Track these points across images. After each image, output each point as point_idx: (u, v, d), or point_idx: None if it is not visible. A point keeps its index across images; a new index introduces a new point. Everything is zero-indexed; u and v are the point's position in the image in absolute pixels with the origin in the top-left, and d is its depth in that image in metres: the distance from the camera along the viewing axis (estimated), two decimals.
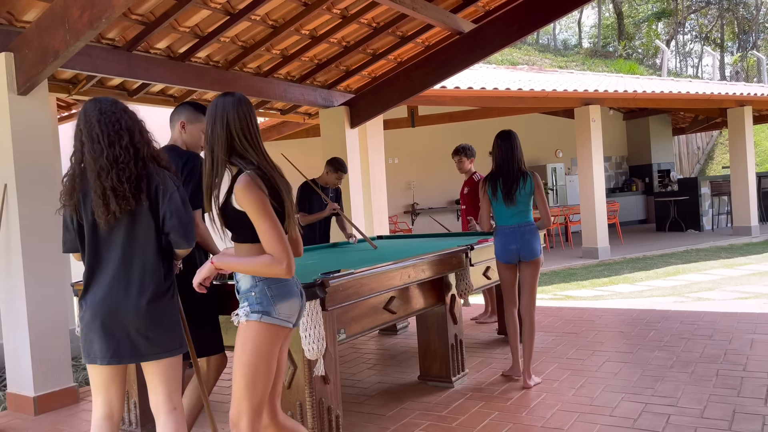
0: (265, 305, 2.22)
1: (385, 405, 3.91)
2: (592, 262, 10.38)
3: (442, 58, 6.59)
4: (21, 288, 4.18)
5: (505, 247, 4.16)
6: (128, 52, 5.05)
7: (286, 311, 2.25)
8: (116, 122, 2.43)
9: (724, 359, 4.36)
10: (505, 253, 4.17)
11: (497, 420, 3.53)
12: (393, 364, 4.88)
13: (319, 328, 2.83)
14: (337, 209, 5.43)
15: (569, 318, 5.99)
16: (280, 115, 7.81)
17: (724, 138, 21.06)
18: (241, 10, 5.10)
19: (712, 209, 14.51)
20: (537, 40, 33.34)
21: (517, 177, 4.12)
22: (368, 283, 3.30)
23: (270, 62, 6.22)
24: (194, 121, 3.19)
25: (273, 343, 2.25)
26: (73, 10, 3.66)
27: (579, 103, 10.63)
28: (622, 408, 3.57)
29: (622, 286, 8.09)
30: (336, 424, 3.09)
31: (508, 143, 4.16)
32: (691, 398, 3.64)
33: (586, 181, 10.76)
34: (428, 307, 4.04)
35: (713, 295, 6.97)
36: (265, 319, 2.22)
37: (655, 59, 32.92)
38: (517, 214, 4.14)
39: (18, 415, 4.18)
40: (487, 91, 9.26)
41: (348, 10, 5.71)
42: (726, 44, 34.82)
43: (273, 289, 2.23)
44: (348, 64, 6.81)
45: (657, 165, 17.30)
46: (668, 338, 5.03)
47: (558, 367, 4.45)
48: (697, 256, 10.38)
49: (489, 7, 6.43)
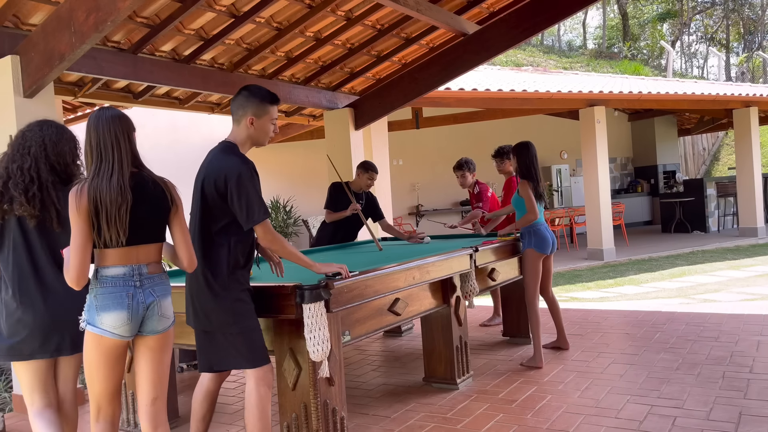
0: (90, 315, 2.38)
1: (390, 407, 3.91)
2: (598, 264, 10.35)
3: (447, 59, 6.59)
4: None
5: (552, 239, 4.73)
6: (133, 54, 5.07)
7: (109, 322, 2.35)
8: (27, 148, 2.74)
9: (731, 361, 4.34)
10: (552, 245, 4.73)
11: (502, 422, 3.52)
12: (398, 366, 4.88)
13: (324, 330, 2.83)
14: (357, 209, 5.37)
15: (574, 320, 5.97)
16: (285, 117, 7.84)
17: (730, 139, 20.98)
18: (245, 13, 5.11)
19: (718, 210, 14.46)
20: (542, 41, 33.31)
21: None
22: (373, 285, 3.30)
23: (275, 64, 6.24)
24: (262, 115, 2.88)
25: (98, 351, 2.39)
26: (79, 13, 3.68)
27: (584, 105, 10.61)
28: (628, 410, 3.55)
29: (628, 287, 8.06)
30: (341, 425, 3.09)
31: (534, 151, 4.73)
32: (697, 400, 3.62)
33: (591, 182, 10.74)
34: (433, 308, 4.04)
35: (719, 297, 6.94)
36: (89, 328, 2.38)
37: (660, 60, 32.84)
38: (543, 212, 4.82)
39: (23, 417, 4.20)
40: (491, 93, 9.25)
41: (352, 12, 5.72)
42: (731, 45, 34.72)
43: (98, 299, 2.37)
44: (352, 65, 6.82)
45: (662, 166, 17.25)
46: (674, 340, 5.01)
47: (563, 369, 4.44)
48: (702, 258, 10.34)
49: (493, 9, 6.43)
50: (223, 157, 2.80)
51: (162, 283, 2.51)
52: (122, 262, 2.39)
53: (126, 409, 3.74)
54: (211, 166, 2.81)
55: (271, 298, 2.93)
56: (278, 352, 3.03)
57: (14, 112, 4.12)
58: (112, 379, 2.46)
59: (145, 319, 2.43)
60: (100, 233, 2.35)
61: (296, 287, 2.84)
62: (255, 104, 2.86)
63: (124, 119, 2.48)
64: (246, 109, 2.86)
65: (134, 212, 2.39)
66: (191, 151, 11.78)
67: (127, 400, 3.73)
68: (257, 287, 3.03)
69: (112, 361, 2.43)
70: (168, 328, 2.52)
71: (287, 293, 2.86)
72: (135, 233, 2.40)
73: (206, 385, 3.07)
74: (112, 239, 2.36)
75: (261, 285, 3.06)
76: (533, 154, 4.69)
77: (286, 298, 2.87)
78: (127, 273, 2.39)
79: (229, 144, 2.89)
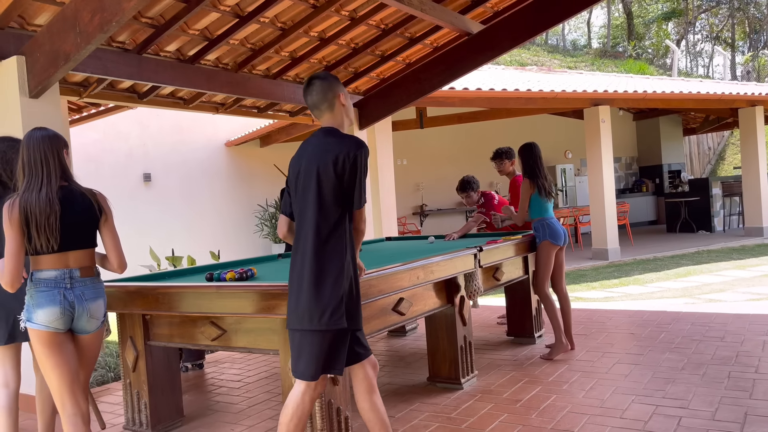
0: (28, 313, 2.67)
1: (395, 406, 3.91)
2: (602, 264, 10.33)
3: (451, 59, 6.59)
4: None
5: (564, 232, 4.90)
6: (138, 54, 5.09)
7: (43, 317, 2.62)
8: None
9: (736, 361, 4.32)
10: (564, 237, 4.88)
11: (507, 422, 3.51)
12: (402, 366, 4.88)
13: None
14: None
15: (579, 319, 5.96)
16: (289, 117, 7.83)
17: (736, 138, 20.92)
18: (250, 13, 5.12)
19: (724, 210, 14.41)
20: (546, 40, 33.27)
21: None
22: (377, 285, 3.30)
23: (279, 64, 6.24)
24: (343, 89, 2.81)
25: (41, 344, 2.65)
26: (84, 13, 3.69)
27: (588, 104, 10.58)
28: (633, 410, 3.55)
29: (633, 287, 8.04)
30: (345, 425, 3.09)
31: (538, 151, 4.91)
32: (703, 400, 3.61)
33: (596, 182, 10.72)
34: (437, 308, 4.04)
35: (725, 297, 6.92)
36: (29, 325, 2.67)
37: (665, 59, 32.74)
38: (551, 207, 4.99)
39: (28, 416, 4.21)
40: (495, 92, 9.24)
41: (356, 11, 5.72)
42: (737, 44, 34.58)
43: (34, 299, 2.65)
44: (357, 65, 6.82)
45: (667, 166, 17.20)
46: (679, 340, 5.00)
47: (568, 369, 4.44)
48: (708, 258, 10.30)
49: (498, 8, 6.42)
50: (337, 139, 2.66)
51: (93, 287, 2.76)
52: (54, 266, 2.67)
53: (131, 408, 3.75)
54: (325, 150, 2.63)
55: (275, 298, 2.93)
56: (283, 352, 3.04)
57: (20, 112, 4.14)
58: (64, 369, 2.68)
59: (76, 319, 2.70)
60: (31, 241, 2.62)
61: None
62: (334, 81, 2.76)
63: (54, 138, 2.75)
64: (333, 89, 2.73)
65: (63, 221, 2.64)
66: (195, 151, 11.83)
67: (132, 400, 3.74)
68: (260, 287, 3.04)
69: (57, 351, 2.67)
70: (98, 328, 2.81)
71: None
72: (66, 240, 2.66)
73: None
74: (43, 246, 2.62)
75: (264, 285, 3.07)
76: (537, 155, 4.88)
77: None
78: (59, 276, 2.67)
79: (332, 128, 2.74)
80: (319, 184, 2.61)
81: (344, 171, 2.59)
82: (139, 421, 3.73)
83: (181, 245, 10.12)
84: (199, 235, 11.37)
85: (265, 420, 3.86)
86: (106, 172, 10.40)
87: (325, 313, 2.54)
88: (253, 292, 3.03)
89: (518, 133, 12.14)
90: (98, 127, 10.25)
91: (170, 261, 6.08)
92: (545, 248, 4.86)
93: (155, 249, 7.03)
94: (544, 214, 4.90)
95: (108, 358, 5.69)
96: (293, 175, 2.75)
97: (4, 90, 4.22)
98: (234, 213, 12.17)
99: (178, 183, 11.52)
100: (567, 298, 5.03)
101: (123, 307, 3.59)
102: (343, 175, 2.59)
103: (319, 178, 2.61)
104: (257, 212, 12.32)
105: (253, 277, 3.61)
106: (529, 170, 4.87)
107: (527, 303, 5.26)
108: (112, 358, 5.67)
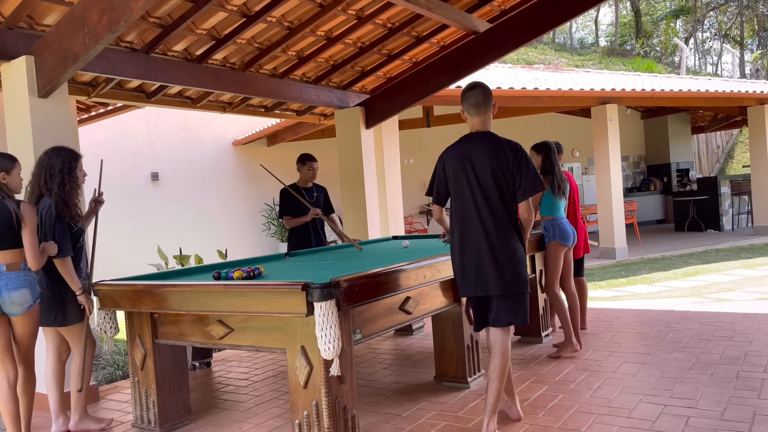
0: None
1: (401, 405, 3.92)
2: (610, 263, 10.29)
3: (458, 58, 6.58)
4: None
5: (573, 233, 4.90)
6: (146, 54, 5.11)
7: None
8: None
9: (745, 361, 4.30)
10: (573, 238, 4.89)
11: (513, 421, 3.51)
12: (409, 365, 4.88)
13: (335, 328, 2.84)
14: (318, 214, 5.50)
15: (586, 319, 5.94)
16: (296, 116, 7.85)
17: (745, 137, 20.76)
18: (257, 12, 5.13)
19: (732, 209, 14.32)
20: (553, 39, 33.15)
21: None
22: (384, 283, 3.30)
23: (286, 63, 6.25)
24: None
25: None
26: (92, 13, 3.71)
27: (596, 103, 10.55)
28: (641, 410, 3.54)
29: (640, 286, 8.01)
30: (352, 423, 3.10)
31: (554, 149, 4.91)
32: (711, 400, 3.60)
33: (604, 180, 10.68)
34: (444, 307, 4.04)
35: (733, 296, 6.88)
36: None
37: (673, 57, 32.57)
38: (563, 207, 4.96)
39: (40, 413, 4.24)
40: (502, 91, 9.22)
41: (363, 10, 5.72)
42: (746, 42, 34.32)
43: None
44: (363, 64, 6.83)
45: (675, 164, 17.10)
46: (687, 339, 4.97)
47: (575, 368, 4.43)
48: (716, 257, 10.25)
49: (505, 7, 6.40)
50: (500, 140, 3.30)
51: (16, 278, 3.34)
52: None
53: (139, 406, 3.77)
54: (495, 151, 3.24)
55: (282, 297, 2.94)
56: (290, 350, 3.05)
57: (29, 112, 4.16)
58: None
59: (2, 304, 3.31)
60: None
61: (307, 285, 2.85)
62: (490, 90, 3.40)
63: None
64: (492, 97, 3.40)
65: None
66: (203, 150, 11.87)
67: (140, 398, 3.76)
68: (267, 285, 3.05)
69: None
70: (23, 312, 3.37)
71: (298, 291, 2.88)
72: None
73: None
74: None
75: (272, 283, 3.08)
76: (553, 152, 4.88)
77: (298, 296, 2.88)
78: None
79: (491, 132, 3.35)
80: (496, 179, 3.22)
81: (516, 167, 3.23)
82: (147, 419, 3.75)
83: (188, 244, 10.15)
84: (206, 234, 11.41)
85: (272, 418, 3.87)
86: (115, 171, 10.44)
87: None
88: (261, 291, 3.04)
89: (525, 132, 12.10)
90: (107, 127, 10.30)
91: (178, 260, 6.11)
92: (554, 248, 4.86)
93: (163, 247, 7.06)
94: (555, 213, 4.89)
95: (116, 356, 5.72)
96: (457, 170, 3.27)
97: (13, 90, 4.25)
98: (241, 212, 12.20)
99: (186, 182, 11.56)
100: (575, 297, 5.05)
101: (131, 305, 3.61)
102: (514, 172, 3.23)
103: (496, 174, 3.22)
104: (264, 211, 12.35)
105: (261, 275, 3.62)
106: (543, 167, 4.85)
107: (534, 302, 5.25)
108: (120, 356, 5.70)
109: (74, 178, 3.68)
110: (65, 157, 3.69)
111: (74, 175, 3.69)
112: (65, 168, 3.65)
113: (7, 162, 3.49)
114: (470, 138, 3.34)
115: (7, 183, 3.44)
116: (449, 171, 3.32)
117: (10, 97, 4.30)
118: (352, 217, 7.34)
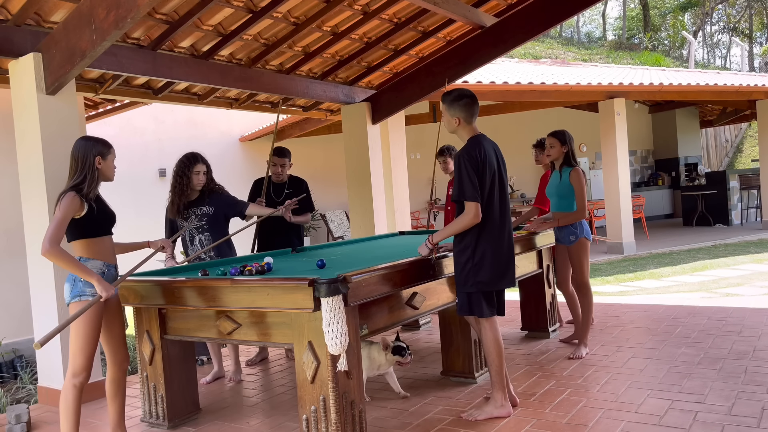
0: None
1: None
2: (617, 258, 10.26)
3: (464, 52, 6.56)
4: (51, 284, 4.27)
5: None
6: (153, 51, 5.12)
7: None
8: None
9: (753, 356, 4.28)
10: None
11: (521, 416, 3.51)
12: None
13: (342, 324, 2.84)
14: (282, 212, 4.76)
15: (594, 314, 5.92)
16: (303, 112, 7.85)
17: (754, 130, 20.61)
18: (263, 8, 5.13)
19: (741, 203, 14.24)
20: (560, 33, 32.97)
21: None
22: (391, 279, 3.31)
23: (292, 59, 6.25)
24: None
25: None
26: (99, 10, 3.72)
27: (603, 97, 10.49)
28: (648, 405, 3.53)
29: (648, 281, 7.98)
30: (359, 418, 3.11)
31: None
32: (719, 395, 3.59)
33: (611, 175, 10.64)
34: (451, 302, 4.04)
35: (742, 291, 6.85)
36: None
37: (681, 51, 32.35)
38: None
39: (49, 408, 4.28)
40: (509, 86, 9.19)
41: (369, 5, 5.71)
42: (755, 35, 34.04)
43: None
44: (370, 60, 6.82)
45: (684, 158, 17.01)
46: (695, 334, 4.96)
47: (583, 363, 4.42)
48: (725, 251, 10.20)
49: (511, 1, 6.37)
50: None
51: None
52: None
53: (148, 401, 3.80)
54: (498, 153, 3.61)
55: (290, 292, 2.95)
56: (297, 346, 3.06)
57: (37, 108, 4.19)
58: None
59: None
60: None
61: (314, 281, 2.86)
62: None
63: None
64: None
65: None
66: (210, 146, 11.89)
67: (148, 393, 3.79)
68: (275, 280, 3.06)
69: None
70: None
71: (305, 287, 2.88)
72: None
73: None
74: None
75: (279, 278, 3.08)
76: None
77: (305, 292, 2.89)
78: None
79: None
80: (503, 179, 3.55)
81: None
82: (155, 414, 3.77)
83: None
84: None
85: (280, 413, 3.89)
86: (122, 168, 10.43)
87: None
88: (269, 287, 3.05)
89: (532, 127, 12.07)
90: (114, 123, 10.33)
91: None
92: (584, 245, 4.71)
93: None
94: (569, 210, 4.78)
95: None
96: (493, 168, 3.45)
97: (21, 87, 4.28)
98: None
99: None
100: (573, 297, 4.96)
101: (140, 301, 3.63)
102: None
103: (503, 174, 3.55)
104: None
105: (269, 271, 3.63)
106: (572, 158, 4.76)
107: (541, 297, 5.24)
108: (129, 352, 5.73)
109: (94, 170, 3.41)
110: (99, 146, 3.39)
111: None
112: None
113: (103, 147, 3.31)
114: (485, 138, 3.57)
115: (101, 169, 3.28)
116: (486, 169, 3.43)
117: (18, 94, 4.32)
118: (358, 213, 7.34)
